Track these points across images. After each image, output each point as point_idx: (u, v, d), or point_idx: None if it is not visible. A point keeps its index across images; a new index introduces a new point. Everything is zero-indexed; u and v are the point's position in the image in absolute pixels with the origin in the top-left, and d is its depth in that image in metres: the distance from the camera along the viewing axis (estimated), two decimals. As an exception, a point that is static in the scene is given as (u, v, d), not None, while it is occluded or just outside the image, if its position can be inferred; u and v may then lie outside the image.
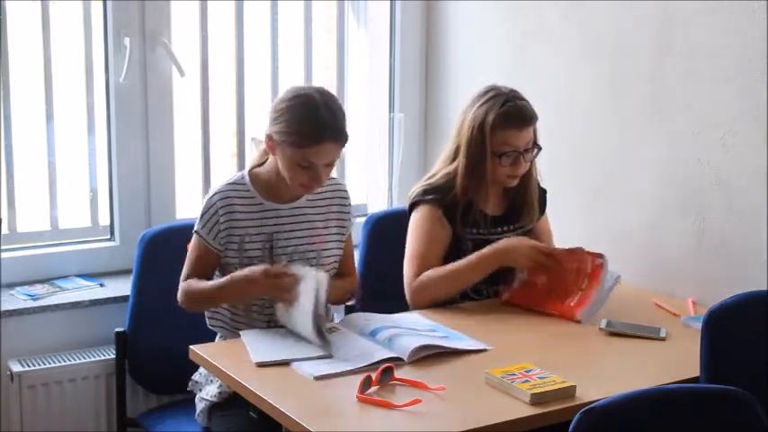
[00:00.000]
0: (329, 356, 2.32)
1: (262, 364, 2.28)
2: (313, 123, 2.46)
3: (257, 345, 2.38)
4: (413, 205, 2.86)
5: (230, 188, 2.60)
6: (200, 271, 2.60)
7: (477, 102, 2.79)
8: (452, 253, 2.81)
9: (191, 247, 2.62)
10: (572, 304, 2.69)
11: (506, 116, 2.74)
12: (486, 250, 2.76)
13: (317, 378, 2.20)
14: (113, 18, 3.18)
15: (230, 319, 2.62)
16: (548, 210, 3.01)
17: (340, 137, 2.50)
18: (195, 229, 2.60)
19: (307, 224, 2.65)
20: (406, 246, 2.84)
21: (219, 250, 2.58)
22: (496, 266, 2.78)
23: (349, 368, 2.24)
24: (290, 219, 2.63)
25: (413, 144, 3.83)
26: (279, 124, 2.50)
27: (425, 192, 2.83)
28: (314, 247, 2.65)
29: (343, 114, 2.54)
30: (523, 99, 2.79)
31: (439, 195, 2.80)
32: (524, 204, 2.89)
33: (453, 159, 2.84)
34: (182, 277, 2.62)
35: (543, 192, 2.98)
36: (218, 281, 2.57)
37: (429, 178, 2.88)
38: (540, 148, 2.82)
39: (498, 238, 2.83)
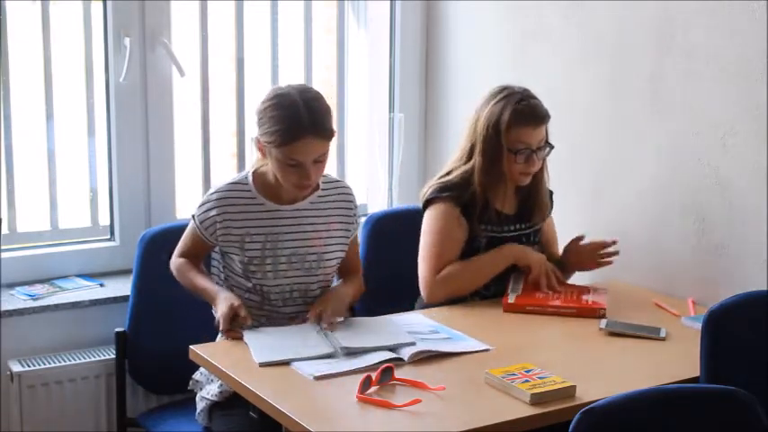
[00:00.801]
0: (331, 356, 2.33)
1: (264, 364, 2.28)
2: (291, 120, 2.46)
3: (259, 345, 2.38)
4: (428, 202, 2.86)
5: (231, 188, 2.61)
6: (193, 252, 2.67)
7: (491, 100, 2.81)
8: (467, 250, 2.82)
9: (188, 228, 2.67)
10: (589, 302, 2.71)
11: (520, 114, 2.76)
12: (502, 248, 2.82)
13: (317, 378, 2.20)
14: (113, 18, 3.18)
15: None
16: (548, 210, 3.02)
17: (320, 131, 2.48)
18: (193, 213, 2.63)
19: (308, 226, 2.64)
20: (422, 242, 2.84)
21: (212, 243, 2.62)
22: (511, 262, 2.83)
23: (349, 368, 2.24)
24: (291, 220, 2.63)
25: (413, 144, 3.83)
26: (262, 126, 2.51)
27: (442, 189, 2.83)
28: (314, 249, 2.64)
29: (326, 110, 2.53)
30: (536, 98, 2.81)
31: (456, 193, 2.81)
32: (535, 203, 2.90)
33: (468, 158, 2.84)
34: (176, 251, 2.68)
35: (550, 193, 2.99)
36: (206, 286, 2.59)
37: (443, 176, 2.88)
38: (551, 147, 2.83)
39: (511, 237, 2.85)
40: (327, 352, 2.34)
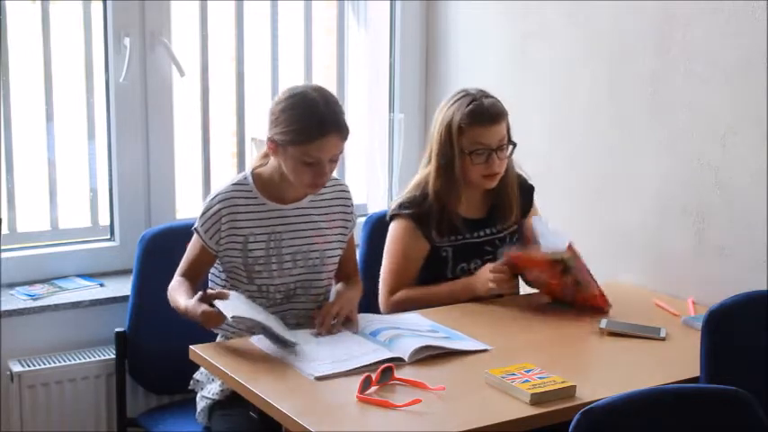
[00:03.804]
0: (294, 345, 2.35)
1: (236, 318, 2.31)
2: (314, 118, 2.47)
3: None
4: (392, 217, 2.87)
5: (234, 189, 2.61)
6: (195, 269, 2.62)
7: (446, 105, 2.81)
8: (432, 262, 2.83)
9: (190, 243, 2.63)
10: (596, 293, 2.71)
11: (473, 114, 2.74)
12: (456, 285, 2.80)
13: (318, 378, 2.20)
14: (113, 18, 3.18)
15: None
16: (548, 210, 3.01)
17: (341, 129, 2.51)
18: (195, 226, 2.61)
19: (310, 224, 2.65)
20: (383, 260, 2.86)
21: (216, 251, 2.59)
22: (468, 298, 2.79)
23: (349, 368, 2.24)
24: (293, 219, 2.63)
25: (413, 144, 3.83)
26: (279, 125, 2.50)
27: (402, 205, 2.83)
28: (317, 247, 2.65)
29: (341, 108, 2.56)
30: (492, 97, 2.79)
31: (414, 209, 2.80)
32: (505, 205, 2.87)
33: (428, 165, 2.85)
34: (177, 270, 2.64)
35: (530, 189, 2.97)
36: (182, 302, 2.50)
37: (408, 189, 2.88)
38: (514, 145, 2.81)
39: (481, 242, 2.84)
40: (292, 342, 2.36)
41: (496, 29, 3.52)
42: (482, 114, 2.75)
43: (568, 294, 2.74)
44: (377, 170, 3.82)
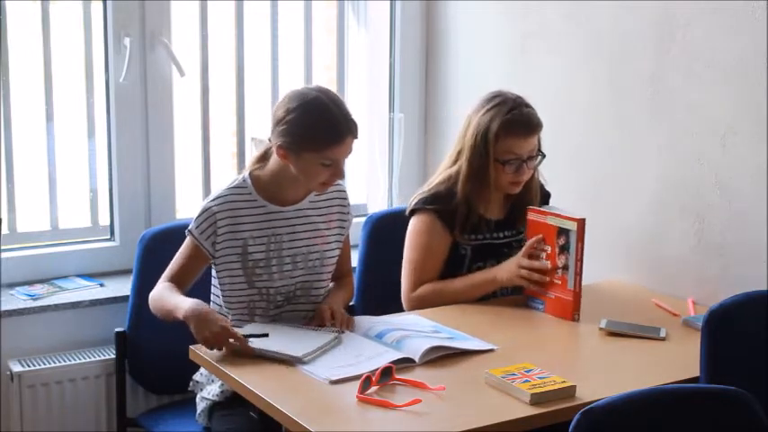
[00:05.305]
0: (336, 342, 2.37)
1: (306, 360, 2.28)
2: (331, 123, 2.47)
3: (279, 343, 2.36)
4: (412, 211, 2.86)
5: (232, 192, 2.59)
6: (185, 273, 2.57)
7: (482, 108, 2.78)
8: (450, 259, 2.82)
9: (182, 247, 2.60)
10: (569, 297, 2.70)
11: (511, 124, 2.73)
12: (480, 276, 2.80)
13: (333, 382, 2.18)
14: (113, 18, 3.18)
15: (233, 319, 2.62)
16: (548, 210, 3.01)
17: (356, 129, 2.52)
18: (189, 228, 2.58)
19: (310, 225, 2.65)
20: (405, 253, 2.85)
21: (211, 254, 2.57)
22: (491, 290, 2.81)
23: (363, 371, 2.19)
24: (293, 221, 2.63)
25: (413, 144, 3.83)
26: (292, 133, 2.47)
27: (426, 200, 2.82)
28: (316, 248, 2.65)
29: (346, 106, 2.56)
30: (529, 106, 2.78)
31: (439, 205, 2.80)
32: (524, 208, 2.87)
33: (455, 162, 2.84)
34: (163, 276, 2.58)
35: (547, 195, 2.98)
36: (180, 300, 2.44)
37: (431, 185, 2.87)
38: (543, 156, 2.82)
39: (500, 243, 2.84)
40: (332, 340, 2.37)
41: (496, 29, 3.52)
42: (520, 125, 2.74)
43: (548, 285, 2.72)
44: (377, 170, 3.82)
